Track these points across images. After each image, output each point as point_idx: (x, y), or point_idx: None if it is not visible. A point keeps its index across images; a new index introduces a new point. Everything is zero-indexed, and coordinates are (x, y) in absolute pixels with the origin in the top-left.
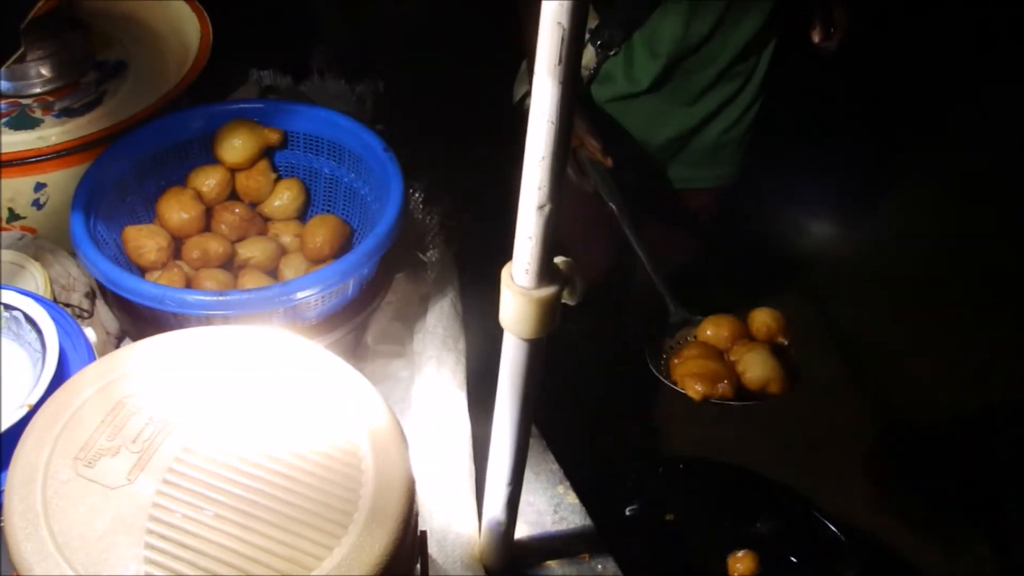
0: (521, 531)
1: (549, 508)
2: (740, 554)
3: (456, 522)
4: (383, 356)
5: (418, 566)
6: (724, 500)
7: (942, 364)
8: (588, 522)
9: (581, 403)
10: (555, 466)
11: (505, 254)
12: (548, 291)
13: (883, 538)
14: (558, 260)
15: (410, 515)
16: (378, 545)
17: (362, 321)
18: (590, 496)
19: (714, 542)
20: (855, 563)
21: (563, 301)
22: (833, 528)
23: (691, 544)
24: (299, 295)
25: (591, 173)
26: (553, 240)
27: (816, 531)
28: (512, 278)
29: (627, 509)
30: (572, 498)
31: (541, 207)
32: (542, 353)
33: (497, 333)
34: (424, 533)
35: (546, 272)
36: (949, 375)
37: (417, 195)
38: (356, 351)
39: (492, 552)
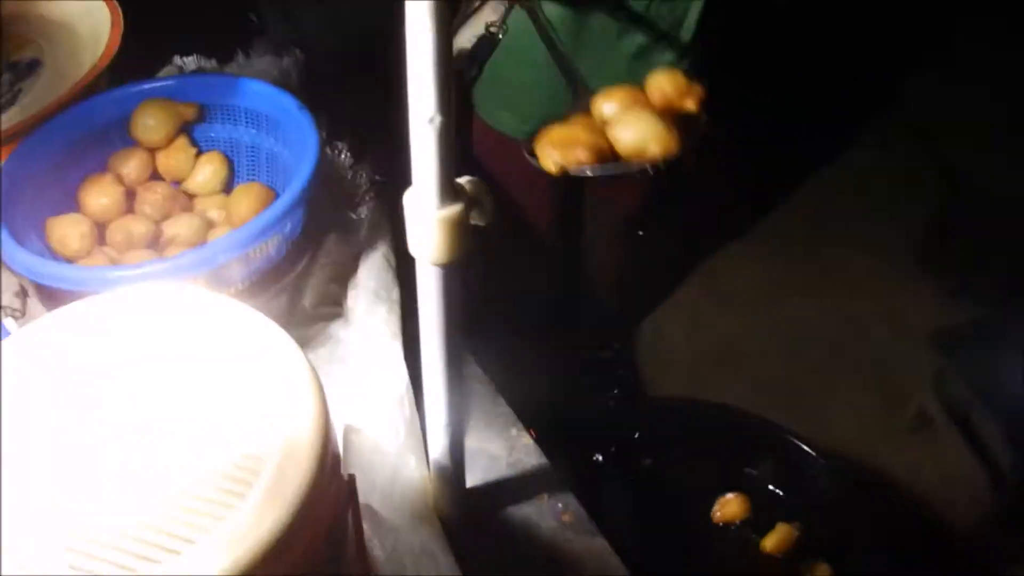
0: (475, 477)
1: (503, 452)
2: (729, 496)
3: (402, 472)
4: (322, 319)
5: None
6: (706, 442)
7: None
8: (544, 462)
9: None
10: (506, 409)
11: None
12: (453, 210)
13: (872, 466)
14: (462, 179)
15: (325, 457)
16: (290, 490)
17: (292, 283)
18: (561, 443)
19: (697, 486)
20: (845, 493)
21: (473, 223)
22: (822, 460)
23: (672, 489)
24: (220, 257)
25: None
26: (453, 158)
27: (805, 466)
28: (416, 201)
29: (600, 455)
30: (526, 439)
31: (431, 120)
32: (457, 280)
33: None
34: (352, 477)
35: (449, 191)
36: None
37: (345, 156)
38: (293, 315)
39: (444, 500)
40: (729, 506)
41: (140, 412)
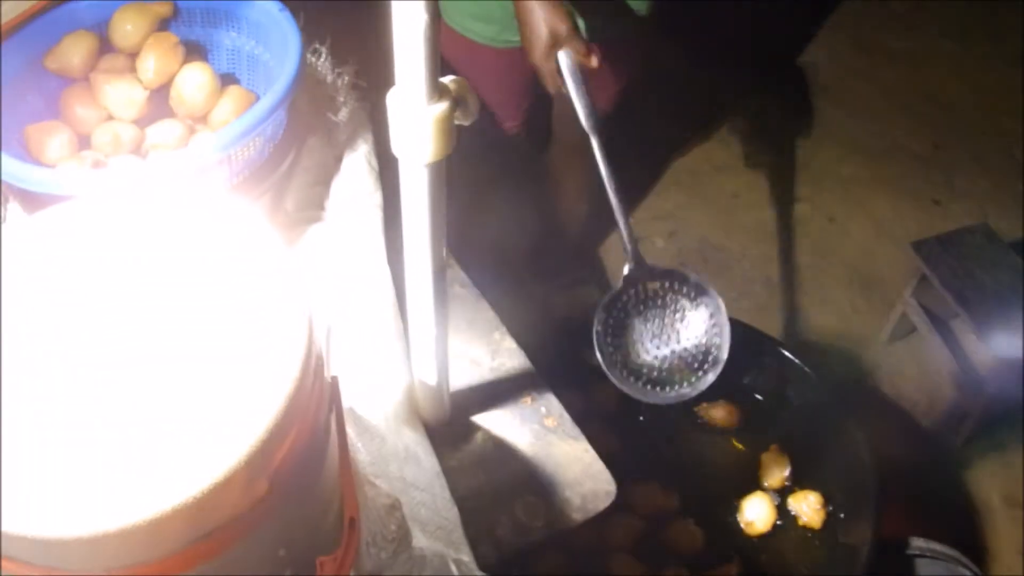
0: (458, 381)
1: (486, 355)
2: (716, 403)
3: (386, 377)
4: (304, 222)
5: (332, 415)
6: None
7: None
8: (528, 365)
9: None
10: (490, 313)
11: None
12: (440, 108)
13: (854, 371)
14: (446, 79)
15: (308, 358)
16: (273, 390)
17: (274, 186)
18: (544, 348)
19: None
20: (825, 395)
21: (456, 122)
22: (799, 363)
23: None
24: (202, 160)
25: (569, 82)
26: (438, 57)
27: (788, 373)
28: (401, 100)
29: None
30: (509, 343)
31: (417, 18)
32: (442, 180)
33: None
34: (335, 379)
35: (435, 89)
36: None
37: (326, 58)
38: (275, 219)
39: (429, 404)
40: (716, 411)
41: (120, 313)
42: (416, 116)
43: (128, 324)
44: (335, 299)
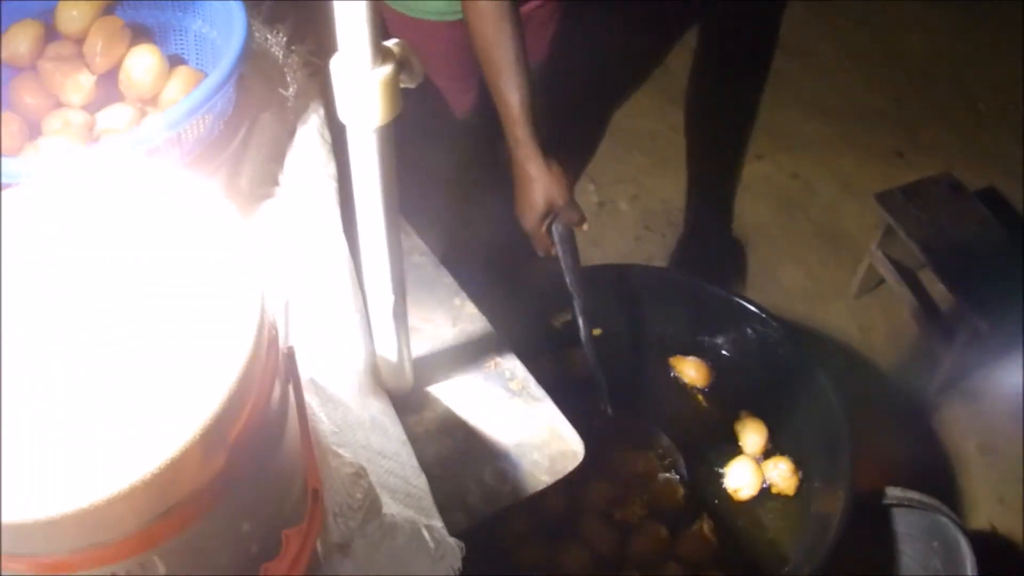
0: (421, 349)
1: (447, 322)
2: (690, 360)
3: (348, 348)
4: (260, 198)
5: (290, 386)
6: (657, 307)
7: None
8: (490, 329)
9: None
10: (449, 279)
11: None
12: (385, 71)
13: (824, 326)
14: (388, 42)
15: (261, 328)
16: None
17: (227, 163)
18: (509, 315)
19: (653, 349)
20: (795, 352)
21: (402, 85)
22: (768, 320)
23: (624, 356)
24: (152, 139)
25: (560, 250)
26: (380, 20)
27: (757, 329)
28: (345, 66)
29: (553, 323)
30: (471, 308)
31: None
32: (391, 145)
33: None
34: (291, 349)
35: (378, 52)
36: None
37: (280, 35)
38: (231, 196)
39: (391, 373)
40: (688, 368)
41: (71, 293)
42: (361, 80)
43: (79, 304)
44: (293, 272)
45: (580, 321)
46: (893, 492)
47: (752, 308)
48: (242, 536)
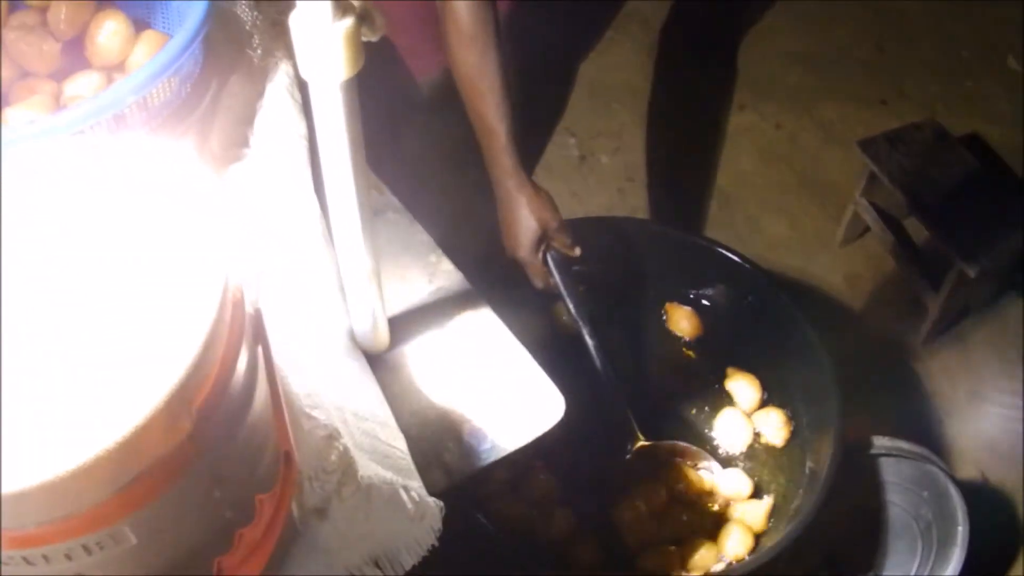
0: (397, 307)
1: (423, 279)
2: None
3: (321, 308)
4: (230, 161)
5: (259, 348)
6: (641, 259)
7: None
8: (467, 286)
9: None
10: (425, 236)
11: None
12: (347, 23)
13: (810, 276)
14: None
15: (225, 292)
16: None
17: (196, 126)
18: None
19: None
20: (782, 303)
21: (364, 39)
22: (753, 271)
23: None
24: (118, 103)
25: (559, 279)
26: None
27: (743, 280)
28: (305, 20)
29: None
30: (447, 265)
31: None
32: (356, 100)
33: None
34: (259, 311)
35: (339, 4)
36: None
37: None
38: (201, 160)
39: (366, 332)
40: (681, 320)
41: (35, 259)
42: (322, 35)
43: (41, 272)
44: (264, 234)
45: (593, 351)
46: (881, 441)
47: (736, 259)
48: (214, 502)
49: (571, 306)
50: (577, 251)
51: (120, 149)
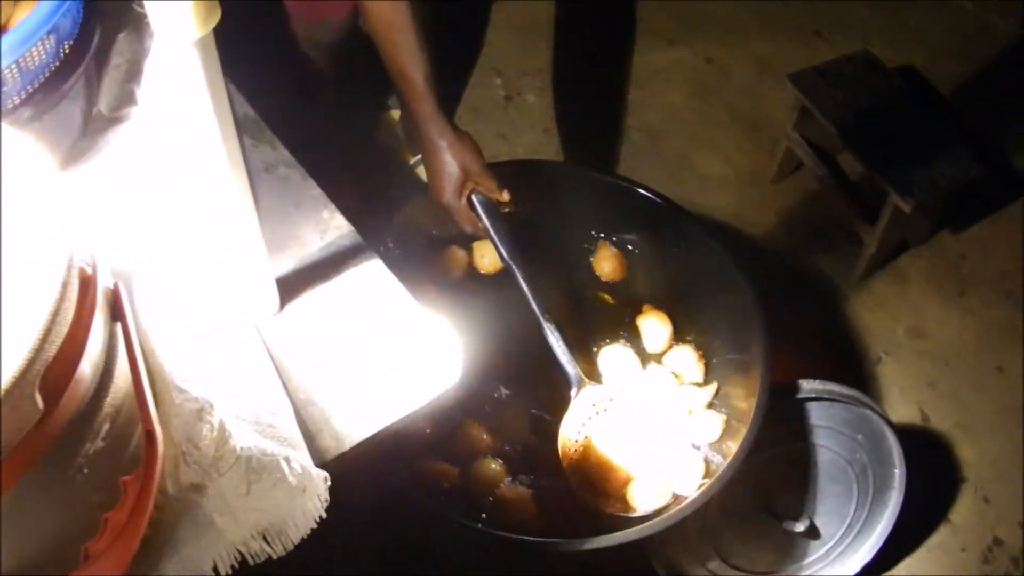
0: (287, 266)
1: (315, 236)
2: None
3: (200, 273)
4: (119, 121)
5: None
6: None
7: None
8: (360, 241)
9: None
10: (317, 192)
11: None
12: None
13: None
14: None
15: (70, 267)
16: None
17: (80, 89)
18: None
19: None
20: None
21: None
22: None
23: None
24: None
25: (486, 220)
26: None
27: (675, 222)
28: None
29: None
30: (339, 220)
31: None
32: (213, 56)
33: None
34: (118, 287)
35: None
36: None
37: None
38: (89, 123)
39: (253, 295)
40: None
41: None
42: None
43: None
44: (149, 198)
45: (528, 294)
46: (811, 385)
47: (657, 200)
48: (79, 486)
49: (501, 248)
50: (504, 195)
51: None
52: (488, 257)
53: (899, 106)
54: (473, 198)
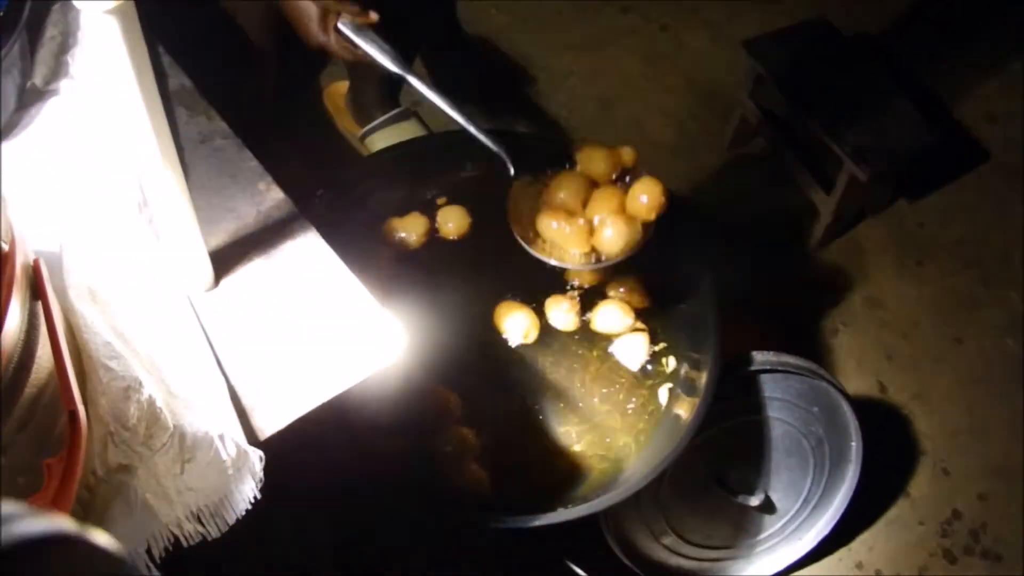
0: (222, 239)
1: (251, 208)
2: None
3: (130, 247)
4: (51, 95)
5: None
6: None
7: None
8: (296, 213)
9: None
10: (254, 163)
11: None
12: None
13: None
14: None
15: None
16: None
17: (14, 63)
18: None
19: None
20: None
21: None
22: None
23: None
24: None
25: (361, 42)
26: None
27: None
28: None
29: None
30: (276, 192)
31: None
32: (135, 26)
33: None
34: (38, 263)
35: None
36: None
37: None
38: (24, 97)
39: (186, 269)
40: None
41: None
42: None
43: None
44: (81, 171)
45: (428, 92)
46: (765, 357)
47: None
48: (4, 471)
49: (388, 64)
50: (372, 15)
51: None
52: (453, 222)
53: (855, 74)
54: (341, 27)
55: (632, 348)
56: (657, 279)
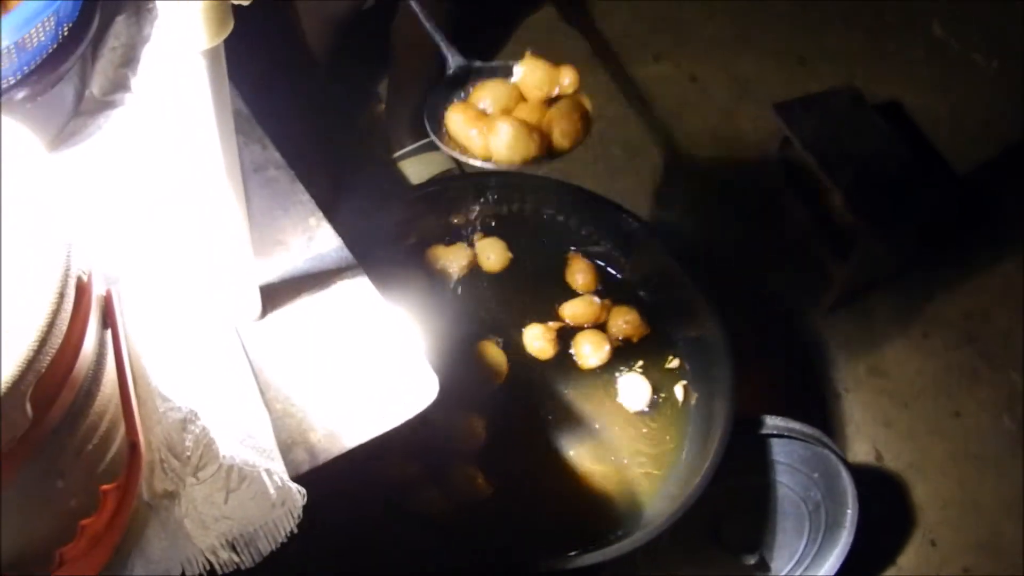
0: (272, 273)
1: (301, 243)
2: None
3: (185, 276)
4: (110, 106)
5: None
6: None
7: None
8: (346, 252)
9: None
10: (305, 197)
11: None
12: None
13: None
14: None
15: (67, 274)
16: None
17: (76, 71)
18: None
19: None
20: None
21: (234, 1)
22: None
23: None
24: None
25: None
26: None
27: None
28: None
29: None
30: (326, 228)
31: None
32: (220, 66)
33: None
34: (110, 294)
35: None
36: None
37: None
38: (81, 106)
39: (237, 301)
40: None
41: None
42: None
43: None
44: (139, 190)
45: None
46: (773, 421)
47: (633, 221)
48: (57, 493)
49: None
50: None
51: None
52: (494, 255)
53: (880, 143)
54: None
55: (635, 389)
56: (673, 337)
